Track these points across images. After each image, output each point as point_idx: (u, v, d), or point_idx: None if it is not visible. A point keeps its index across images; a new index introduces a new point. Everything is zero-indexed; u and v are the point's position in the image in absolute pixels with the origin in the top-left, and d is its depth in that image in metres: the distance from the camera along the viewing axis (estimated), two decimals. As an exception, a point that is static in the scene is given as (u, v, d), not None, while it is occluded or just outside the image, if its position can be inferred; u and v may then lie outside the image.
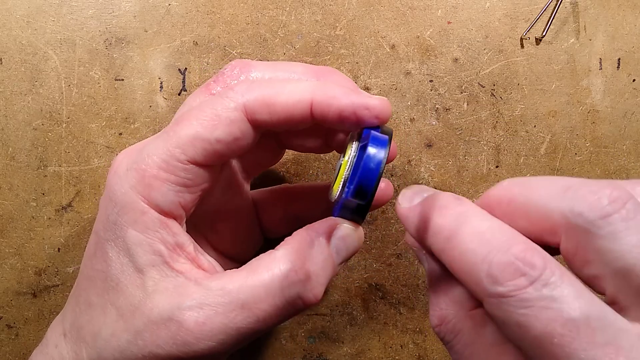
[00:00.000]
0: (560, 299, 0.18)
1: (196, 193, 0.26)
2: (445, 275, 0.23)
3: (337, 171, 0.27)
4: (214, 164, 0.26)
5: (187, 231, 0.29)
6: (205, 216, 0.31)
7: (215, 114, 0.25)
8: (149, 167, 0.25)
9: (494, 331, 0.21)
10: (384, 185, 0.30)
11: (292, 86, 0.25)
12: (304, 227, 0.26)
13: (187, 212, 0.27)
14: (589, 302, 0.18)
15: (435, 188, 0.36)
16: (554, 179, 0.21)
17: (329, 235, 0.26)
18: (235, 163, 0.31)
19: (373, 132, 0.24)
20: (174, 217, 0.26)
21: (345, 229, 0.26)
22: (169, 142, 0.25)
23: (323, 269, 0.25)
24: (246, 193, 0.32)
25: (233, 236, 0.32)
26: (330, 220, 0.26)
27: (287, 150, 0.33)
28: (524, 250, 0.19)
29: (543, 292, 0.18)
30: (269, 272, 0.24)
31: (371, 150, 0.23)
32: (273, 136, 0.30)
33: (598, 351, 0.17)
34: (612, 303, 0.19)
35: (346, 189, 0.24)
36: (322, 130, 0.30)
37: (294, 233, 0.26)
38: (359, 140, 0.26)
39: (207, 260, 0.27)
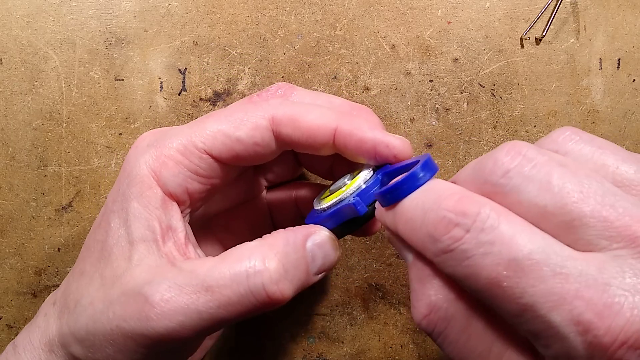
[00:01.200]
0: (499, 241, 0.18)
1: (206, 185, 0.27)
2: (429, 261, 0.22)
3: (335, 186, 0.27)
4: (230, 162, 0.27)
5: (200, 230, 0.29)
6: (220, 216, 0.31)
7: (244, 117, 0.26)
8: (166, 147, 0.26)
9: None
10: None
11: (321, 111, 0.27)
12: (285, 229, 0.26)
13: (193, 202, 0.27)
14: (529, 238, 0.18)
15: (435, 188, 0.36)
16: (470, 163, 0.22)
17: (306, 238, 0.25)
18: (254, 171, 0.32)
19: (429, 159, 0.24)
20: (178, 202, 0.27)
21: (324, 236, 0.26)
22: (193, 130, 0.26)
23: (294, 268, 0.25)
24: (262, 199, 0.33)
25: (246, 238, 0.32)
26: (312, 226, 0.26)
27: None
28: (456, 201, 0.19)
29: (480, 238, 0.18)
30: (239, 259, 0.24)
31: (420, 172, 0.22)
32: (293, 153, 0.31)
33: (547, 284, 0.17)
34: None
35: (369, 193, 0.25)
36: (330, 158, 0.30)
37: (273, 232, 0.26)
38: (372, 169, 0.27)
39: (196, 252, 0.27)
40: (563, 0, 0.36)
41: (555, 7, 0.36)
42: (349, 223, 0.26)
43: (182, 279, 0.24)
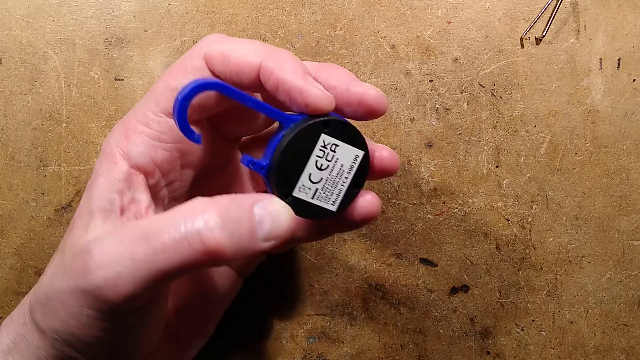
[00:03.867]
0: None
1: (172, 152, 0.27)
2: None
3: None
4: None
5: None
6: (198, 189, 0.31)
7: (182, 64, 0.26)
8: (129, 121, 0.27)
9: None
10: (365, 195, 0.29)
11: (252, 46, 0.26)
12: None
13: (164, 173, 0.27)
14: None
15: (436, 188, 0.36)
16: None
17: (254, 202, 0.24)
18: (218, 130, 0.31)
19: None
20: (146, 173, 0.27)
21: (275, 202, 0.24)
22: (148, 96, 0.27)
23: (236, 224, 0.23)
24: (239, 168, 0.32)
25: None
26: (266, 194, 0.25)
27: None
28: None
29: None
30: (180, 209, 0.23)
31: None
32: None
33: None
34: None
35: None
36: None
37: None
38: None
39: None
40: (563, 0, 0.36)
41: (555, 7, 0.36)
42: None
43: (124, 232, 0.23)
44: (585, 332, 0.37)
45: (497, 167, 0.37)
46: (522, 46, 0.36)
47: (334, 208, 0.27)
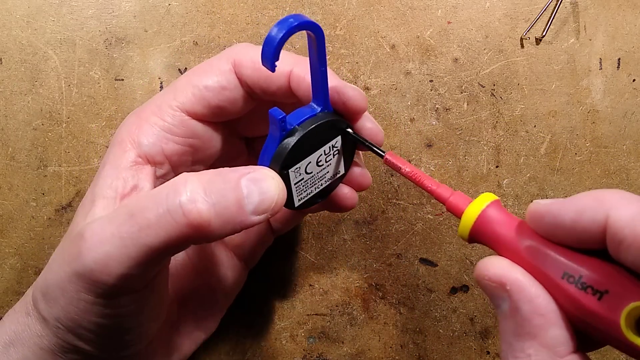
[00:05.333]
0: None
1: (183, 146, 0.27)
2: (536, 315, 0.20)
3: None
4: (203, 117, 0.27)
5: None
6: None
7: (208, 65, 0.27)
8: (144, 112, 0.27)
9: None
10: (348, 191, 0.30)
11: (283, 55, 0.27)
12: None
13: (173, 165, 0.28)
14: None
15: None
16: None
17: (241, 175, 0.23)
18: (231, 131, 0.31)
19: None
20: (155, 163, 0.27)
21: (263, 173, 0.24)
22: (167, 91, 0.27)
23: (220, 196, 0.22)
24: (248, 162, 0.33)
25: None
26: (253, 167, 0.24)
27: None
28: None
29: None
30: (165, 185, 0.23)
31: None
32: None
33: None
34: None
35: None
36: None
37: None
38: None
39: None
40: (563, 0, 0.36)
41: (555, 7, 0.36)
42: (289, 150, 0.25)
43: (114, 212, 0.23)
44: (585, 332, 0.37)
45: (497, 167, 0.37)
46: (522, 46, 0.36)
47: (296, 204, 0.27)
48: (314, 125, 0.25)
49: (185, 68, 0.35)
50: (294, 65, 0.26)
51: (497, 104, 0.37)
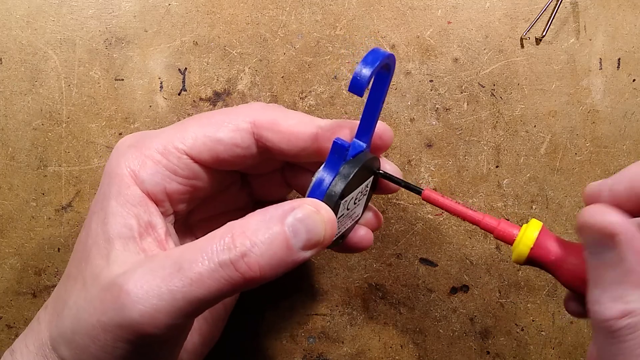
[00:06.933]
0: None
1: (185, 187, 0.27)
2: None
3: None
4: (211, 165, 0.27)
5: (185, 236, 0.29)
6: (206, 223, 0.31)
7: (225, 119, 0.27)
8: (146, 148, 0.27)
9: None
10: (364, 232, 0.30)
11: (301, 116, 0.27)
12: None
13: (174, 204, 0.27)
14: None
15: (435, 188, 0.36)
16: None
17: (285, 214, 0.24)
18: (241, 185, 0.31)
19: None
20: (156, 202, 0.27)
21: (306, 209, 0.24)
22: (174, 131, 0.27)
23: (267, 244, 0.23)
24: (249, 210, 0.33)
25: None
26: (295, 200, 0.25)
27: None
28: None
29: None
30: (210, 237, 0.23)
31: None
32: (281, 172, 0.31)
33: None
34: None
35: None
36: None
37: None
38: None
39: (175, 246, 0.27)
40: (563, 0, 0.36)
41: (555, 7, 0.36)
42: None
43: (156, 264, 0.23)
44: (585, 332, 0.37)
45: (497, 167, 0.37)
46: (522, 46, 0.36)
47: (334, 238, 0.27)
48: (366, 160, 0.25)
49: (185, 68, 0.35)
50: (317, 128, 0.27)
51: (497, 104, 0.37)
